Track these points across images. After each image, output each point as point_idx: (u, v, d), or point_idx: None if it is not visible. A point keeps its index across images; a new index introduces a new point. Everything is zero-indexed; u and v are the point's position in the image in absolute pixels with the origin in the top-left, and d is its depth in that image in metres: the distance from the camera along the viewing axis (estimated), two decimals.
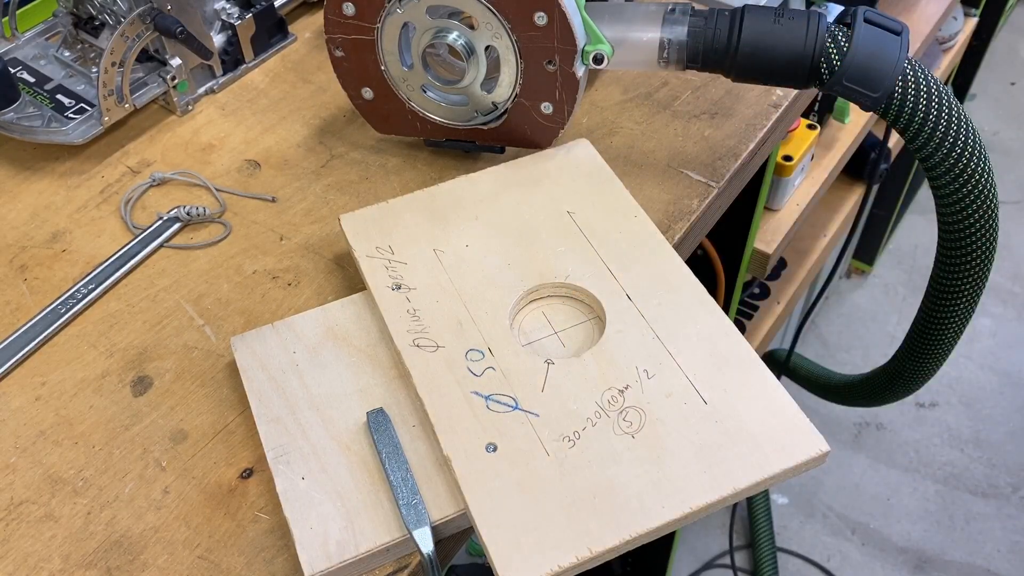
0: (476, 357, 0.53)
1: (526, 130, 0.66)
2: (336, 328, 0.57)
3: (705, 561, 1.57)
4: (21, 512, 0.51)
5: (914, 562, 1.54)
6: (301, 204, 0.68)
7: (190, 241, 0.66)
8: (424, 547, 0.46)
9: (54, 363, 0.59)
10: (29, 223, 0.68)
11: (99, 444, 0.54)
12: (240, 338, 0.56)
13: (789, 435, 0.49)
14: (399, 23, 0.62)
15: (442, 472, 0.49)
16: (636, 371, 0.52)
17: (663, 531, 0.46)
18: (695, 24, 0.61)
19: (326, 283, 0.63)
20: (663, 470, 0.47)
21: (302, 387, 0.53)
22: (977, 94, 2.24)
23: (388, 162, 0.71)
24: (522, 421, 0.50)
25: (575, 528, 0.45)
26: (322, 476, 0.49)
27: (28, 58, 0.75)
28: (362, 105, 0.68)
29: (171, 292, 0.63)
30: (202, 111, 0.77)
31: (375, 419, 0.51)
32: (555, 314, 0.57)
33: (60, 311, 0.61)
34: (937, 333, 1.03)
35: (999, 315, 1.88)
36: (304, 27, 0.85)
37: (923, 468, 1.66)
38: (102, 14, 0.73)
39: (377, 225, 0.61)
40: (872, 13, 0.59)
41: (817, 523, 1.60)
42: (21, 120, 0.70)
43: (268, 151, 0.73)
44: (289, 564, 0.48)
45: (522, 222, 0.61)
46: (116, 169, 0.72)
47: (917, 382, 1.16)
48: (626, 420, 0.50)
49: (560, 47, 0.60)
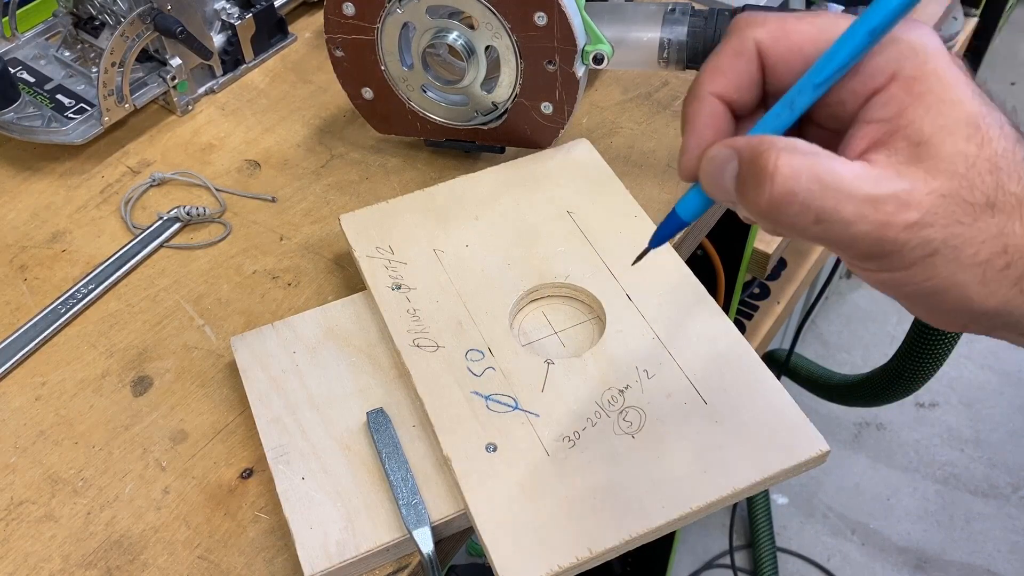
0: (476, 357, 0.53)
1: (526, 130, 0.66)
2: (336, 328, 0.57)
3: (705, 561, 1.57)
4: (21, 512, 0.51)
5: (914, 562, 1.54)
6: (301, 204, 0.68)
7: (190, 241, 0.66)
8: (424, 547, 0.46)
9: (54, 363, 0.59)
10: (29, 223, 0.68)
11: (99, 444, 0.54)
12: (240, 338, 0.56)
13: (789, 435, 0.49)
14: (399, 23, 0.62)
15: (442, 472, 0.49)
16: (636, 371, 0.52)
17: (663, 531, 0.46)
18: (695, 24, 0.61)
19: (326, 283, 0.63)
20: (663, 470, 0.47)
21: (302, 387, 0.53)
22: None
23: (388, 162, 0.71)
24: (522, 421, 0.50)
25: (575, 528, 0.45)
26: (322, 476, 0.49)
27: (28, 58, 0.75)
28: (362, 105, 0.68)
29: (171, 292, 0.63)
30: (202, 111, 0.77)
31: (375, 419, 0.51)
32: (555, 314, 0.57)
33: (60, 311, 0.61)
34: (937, 333, 1.03)
35: None
36: (304, 27, 0.85)
37: (923, 468, 1.66)
38: (102, 14, 0.73)
39: (377, 225, 0.61)
40: None
41: (817, 523, 1.60)
42: (21, 120, 0.70)
43: (268, 151, 0.73)
44: (289, 564, 0.48)
45: (522, 222, 0.61)
46: (116, 169, 0.72)
47: (917, 382, 1.16)
48: (626, 420, 0.50)
49: (560, 47, 0.60)
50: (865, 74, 0.33)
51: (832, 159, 0.32)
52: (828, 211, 0.31)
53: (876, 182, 0.31)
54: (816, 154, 0.32)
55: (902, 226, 0.31)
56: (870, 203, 0.31)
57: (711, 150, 0.34)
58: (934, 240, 0.31)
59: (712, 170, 0.34)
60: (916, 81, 0.32)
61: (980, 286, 0.32)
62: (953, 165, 0.31)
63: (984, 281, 0.32)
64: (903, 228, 0.31)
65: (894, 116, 0.32)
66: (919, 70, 0.32)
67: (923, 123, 0.32)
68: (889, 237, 0.31)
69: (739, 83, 0.35)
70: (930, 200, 0.31)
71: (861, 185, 0.31)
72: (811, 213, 0.31)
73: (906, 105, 0.32)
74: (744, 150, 0.33)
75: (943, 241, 0.31)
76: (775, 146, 0.32)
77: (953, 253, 0.31)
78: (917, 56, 0.32)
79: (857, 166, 0.32)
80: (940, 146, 0.31)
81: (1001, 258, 0.32)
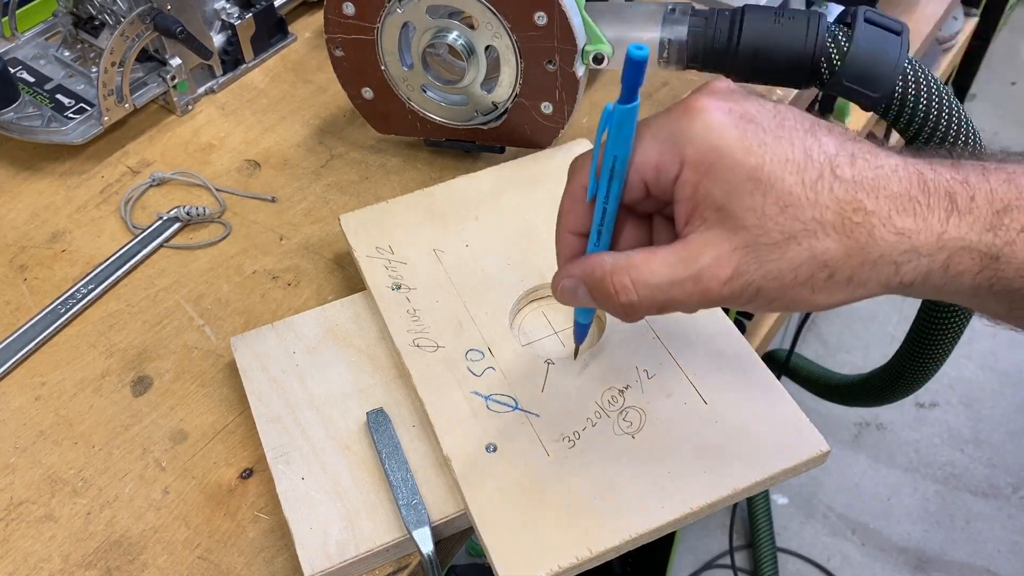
0: (476, 357, 0.53)
1: (526, 130, 0.66)
2: (336, 328, 0.57)
3: (705, 561, 1.57)
4: (21, 512, 0.51)
5: (914, 562, 1.54)
6: (301, 204, 0.68)
7: (190, 241, 0.66)
8: (424, 547, 0.46)
9: (54, 363, 0.59)
10: (29, 223, 0.68)
11: (99, 444, 0.54)
12: (240, 338, 0.56)
13: (789, 435, 0.49)
14: (399, 23, 0.62)
15: (442, 472, 0.49)
16: (636, 371, 0.52)
17: (663, 531, 0.46)
18: (695, 24, 0.61)
19: (326, 283, 0.63)
20: (663, 470, 0.47)
21: (302, 387, 0.53)
22: (977, 94, 2.23)
23: (388, 162, 0.71)
24: (522, 421, 0.50)
25: (575, 528, 0.45)
26: (322, 476, 0.49)
27: (28, 58, 0.75)
28: (362, 105, 0.68)
29: (171, 292, 0.63)
30: (202, 111, 0.77)
31: (375, 419, 0.51)
32: (555, 314, 0.57)
33: (60, 311, 0.61)
34: (937, 333, 1.03)
35: None
36: (304, 27, 0.85)
37: (923, 468, 1.66)
38: (102, 14, 0.73)
39: (377, 225, 0.61)
40: (872, 13, 0.59)
41: (817, 523, 1.60)
42: (21, 120, 0.70)
43: (268, 151, 0.73)
44: (289, 564, 0.48)
45: (522, 222, 0.61)
46: (116, 169, 0.72)
47: (917, 382, 1.15)
48: (626, 420, 0.50)
49: (560, 47, 0.60)
50: (661, 169, 0.39)
51: (649, 260, 0.39)
52: (665, 301, 0.39)
53: (687, 263, 0.38)
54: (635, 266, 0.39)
55: (721, 284, 0.38)
56: (690, 280, 0.38)
57: (562, 283, 0.42)
58: (753, 281, 0.38)
59: (568, 296, 0.42)
60: (699, 162, 0.38)
61: (816, 294, 0.38)
62: (745, 220, 0.37)
63: (816, 290, 0.38)
64: (723, 284, 0.38)
65: (692, 194, 0.38)
66: (698, 151, 0.38)
67: (715, 193, 0.38)
68: (715, 296, 0.38)
69: (582, 220, 0.42)
70: (737, 255, 0.38)
71: (677, 271, 0.39)
72: (655, 307, 0.40)
73: (698, 182, 0.38)
74: (584, 277, 0.41)
75: (762, 277, 0.38)
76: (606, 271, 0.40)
77: (775, 283, 0.38)
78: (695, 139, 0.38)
79: (670, 255, 0.39)
80: (732, 208, 0.37)
81: (823, 271, 0.37)
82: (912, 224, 0.37)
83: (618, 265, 0.40)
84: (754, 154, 0.37)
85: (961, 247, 0.37)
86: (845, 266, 0.37)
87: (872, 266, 0.37)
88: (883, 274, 0.38)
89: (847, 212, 0.37)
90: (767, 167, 0.37)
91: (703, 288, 0.38)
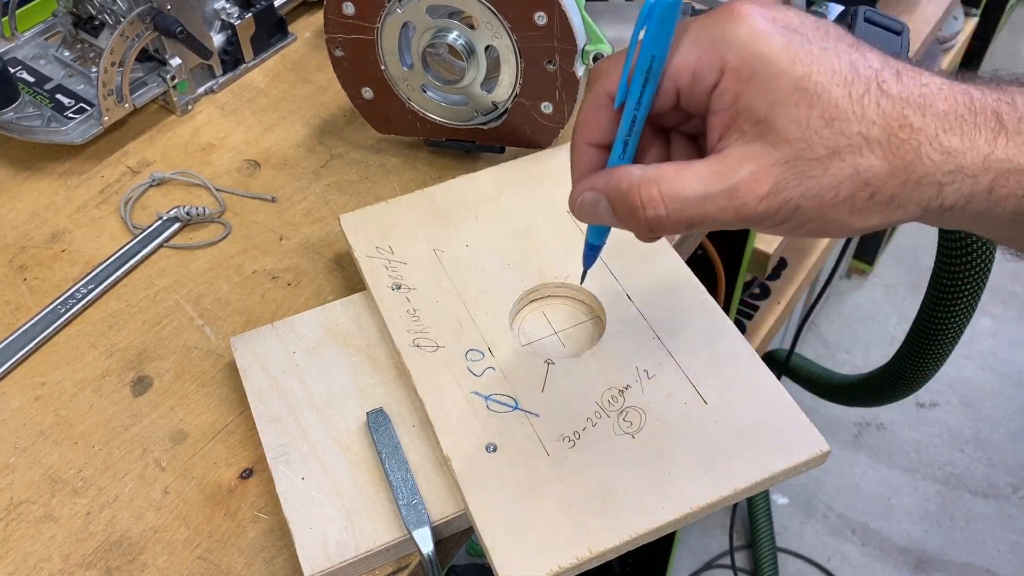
0: (476, 357, 0.53)
1: (526, 130, 0.66)
2: (336, 328, 0.57)
3: (705, 561, 1.57)
4: (21, 512, 0.51)
5: (914, 562, 1.54)
6: (301, 204, 0.68)
7: (190, 241, 0.66)
8: (424, 547, 0.46)
9: (54, 363, 0.59)
10: (29, 223, 0.68)
11: (99, 444, 0.54)
12: (240, 338, 0.56)
13: (789, 435, 0.49)
14: (399, 23, 0.62)
15: (442, 472, 0.49)
16: (636, 371, 0.52)
17: (663, 531, 0.46)
18: None
19: (326, 283, 0.63)
20: (663, 470, 0.47)
21: (302, 387, 0.53)
22: None
23: (388, 162, 0.71)
24: (522, 421, 0.50)
25: (575, 528, 0.45)
26: (322, 476, 0.49)
27: (28, 58, 0.75)
28: (362, 105, 0.68)
29: (171, 292, 0.63)
30: (202, 111, 0.77)
31: (375, 419, 0.51)
32: (555, 314, 0.57)
33: (60, 311, 0.61)
34: (937, 333, 1.03)
35: (999, 315, 1.88)
36: (304, 27, 0.85)
37: (923, 468, 1.66)
38: (102, 14, 0.73)
39: (377, 225, 0.61)
40: (872, 13, 0.59)
41: (817, 523, 1.60)
42: (21, 120, 0.70)
43: (268, 151, 0.73)
44: (289, 564, 0.48)
45: (522, 222, 0.61)
46: (116, 169, 0.72)
47: (917, 382, 1.15)
48: (626, 420, 0.50)
49: (560, 47, 0.60)
50: (699, 76, 0.37)
51: (680, 172, 0.37)
52: (695, 217, 0.37)
53: (722, 177, 0.36)
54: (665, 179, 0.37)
55: (758, 200, 0.36)
56: (725, 195, 0.36)
57: (581, 196, 0.40)
58: (791, 199, 0.36)
59: (587, 210, 0.40)
60: (741, 68, 0.36)
61: (854, 215, 0.36)
62: (788, 133, 0.35)
63: (854, 211, 0.36)
64: (759, 200, 0.36)
65: (731, 104, 0.36)
66: (741, 57, 0.36)
67: (757, 103, 0.36)
68: (749, 213, 0.36)
69: (604, 130, 0.40)
70: (776, 171, 0.36)
71: (711, 185, 0.36)
72: (683, 224, 0.37)
73: (739, 91, 0.36)
74: (608, 190, 0.39)
75: (801, 195, 0.36)
76: (633, 183, 0.38)
77: (814, 202, 0.36)
78: (739, 45, 0.36)
79: (704, 168, 0.37)
80: (775, 120, 0.35)
81: (864, 190, 0.36)
82: (959, 143, 0.35)
83: (647, 177, 0.37)
84: (801, 63, 0.35)
85: (1008, 169, 0.36)
86: (888, 185, 0.36)
87: (915, 186, 0.36)
88: (925, 195, 0.36)
89: (893, 128, 0.35)
90: (814, 77, 0.35)
91: (738, 204, 0.36)
